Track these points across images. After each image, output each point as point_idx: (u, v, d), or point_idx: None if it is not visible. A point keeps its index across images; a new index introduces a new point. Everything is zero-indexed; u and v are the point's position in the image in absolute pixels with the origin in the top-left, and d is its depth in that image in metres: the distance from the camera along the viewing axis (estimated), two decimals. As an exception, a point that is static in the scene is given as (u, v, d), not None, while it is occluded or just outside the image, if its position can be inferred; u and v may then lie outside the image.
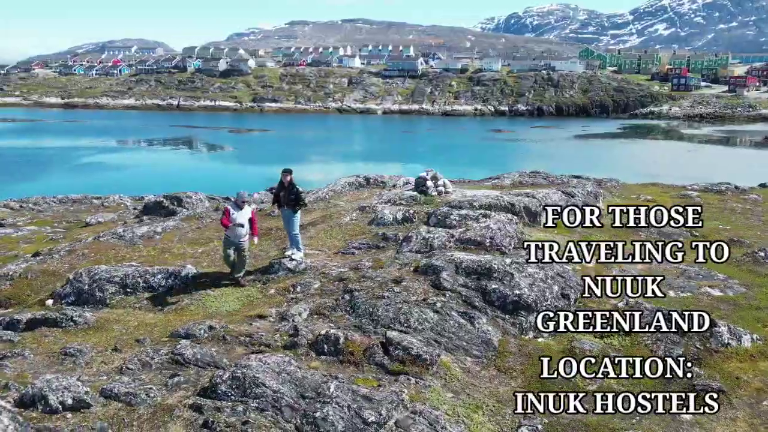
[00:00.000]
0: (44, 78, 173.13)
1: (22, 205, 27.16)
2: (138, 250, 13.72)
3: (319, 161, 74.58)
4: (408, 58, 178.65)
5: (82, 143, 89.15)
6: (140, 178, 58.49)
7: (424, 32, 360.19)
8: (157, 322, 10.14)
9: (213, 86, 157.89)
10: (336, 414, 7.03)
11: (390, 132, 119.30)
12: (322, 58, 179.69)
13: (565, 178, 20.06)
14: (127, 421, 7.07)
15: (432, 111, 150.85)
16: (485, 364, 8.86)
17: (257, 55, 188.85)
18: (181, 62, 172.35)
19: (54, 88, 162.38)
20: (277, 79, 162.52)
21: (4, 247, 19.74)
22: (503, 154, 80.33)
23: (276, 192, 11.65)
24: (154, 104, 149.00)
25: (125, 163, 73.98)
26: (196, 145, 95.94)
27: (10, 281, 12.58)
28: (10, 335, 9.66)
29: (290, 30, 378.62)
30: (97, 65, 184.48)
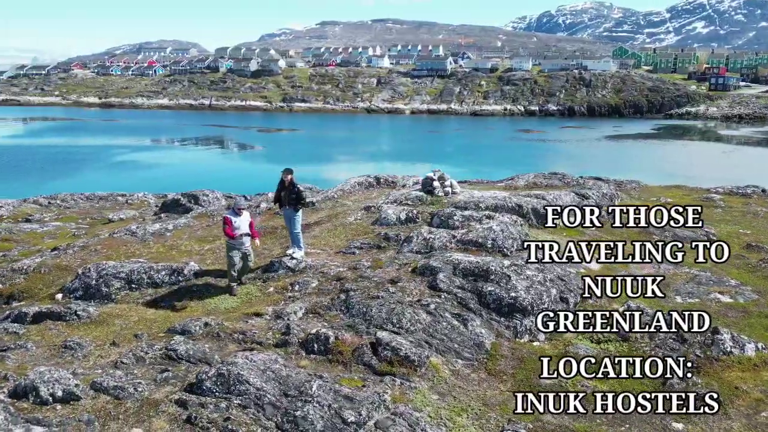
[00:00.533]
0: (83, 78, 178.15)
1: (51, 201, 28.05)
2: (148, 247, 14.02)
3: (345, 161, 74.92)
4: (437, 58, 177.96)
5: (117, 142, 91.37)
6: (170, 177, 59.66)
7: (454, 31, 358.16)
8: (157, 317, 10.35)
9: (244, 86, 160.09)
10: (316, 413, 7.06)
11: (417, 132, 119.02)
12: (351, 58, 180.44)
13: (582, 180, 19.69)
14: (113, 414, 7.24)
15: (460, 111, 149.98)
16: (476, 366, 8.77)
17: (287, 56, 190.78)
18: (213, 63, 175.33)
19: (92, 88, 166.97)
20: (307, 79, 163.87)
21: (29, 242, 20.46)
22: (529, 155, 79.29)
23: (277, 192, 11.76)
24: (187, 104, 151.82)
25: (157, 161, 75.55)
26: (226, 144, 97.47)
27: (24, 275, 13.02)
28: (16, 328, 9.99)
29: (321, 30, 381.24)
30: (133, 66, 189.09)
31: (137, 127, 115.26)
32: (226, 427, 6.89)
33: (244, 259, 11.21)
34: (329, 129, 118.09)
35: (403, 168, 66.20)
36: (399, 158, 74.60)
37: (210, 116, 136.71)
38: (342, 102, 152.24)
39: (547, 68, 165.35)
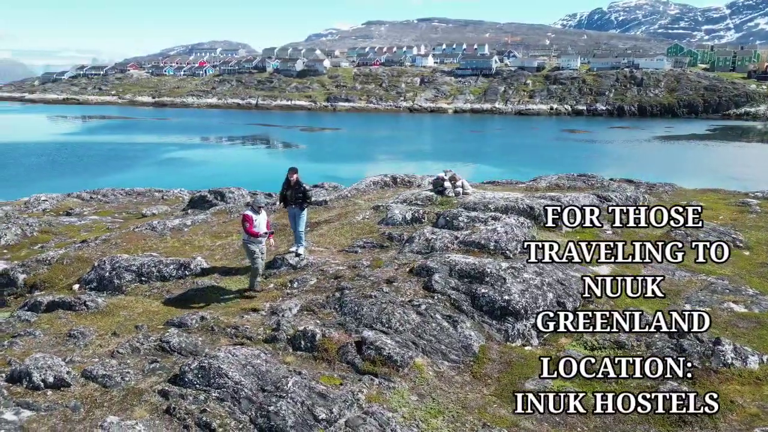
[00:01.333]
0: (138, 78, 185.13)
1: (92, 196, 29.29)
2: (165, 242, 14.50)
3: (384, 159, 75.03)
4: (482, 57, 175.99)
5: (167, 140, 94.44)
6: (212, 174, 61.21)
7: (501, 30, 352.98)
8: (160, 310, 10.70)
9: (290, 86, 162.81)
10: (289, 409, 7.17)
11: (459, 131, 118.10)
12: (395, 57, 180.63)
13: (608, 182, 19.12)
14: (99, 402, 7.55)
15: (505, 110, 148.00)
16: (461, 369, 8.68)
17: (333, 56, 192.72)
18: (260, 63, 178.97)
19: (146, 87, 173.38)
20: (351, 78, 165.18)
21: (66, 234, 21.47)
22: (572, 155, 77.41)
23: (282, 191, 11.91)
24: (235, 103, 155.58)
25: (203, 159, 77.71)
26: (269, 143, 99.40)
27: (47, 266, 13.69)
28: (29, 316, 10.54)
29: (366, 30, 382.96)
30: (185, 66, 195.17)
31: (187, 126, 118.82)
32: (200, 419, 7.09)
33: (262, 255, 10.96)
34: (371, 128, 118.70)
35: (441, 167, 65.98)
36: (438, 158, 74.18)
37: (256, 115, 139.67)
38: (385, 101, 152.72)
39: (596, 66, 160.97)
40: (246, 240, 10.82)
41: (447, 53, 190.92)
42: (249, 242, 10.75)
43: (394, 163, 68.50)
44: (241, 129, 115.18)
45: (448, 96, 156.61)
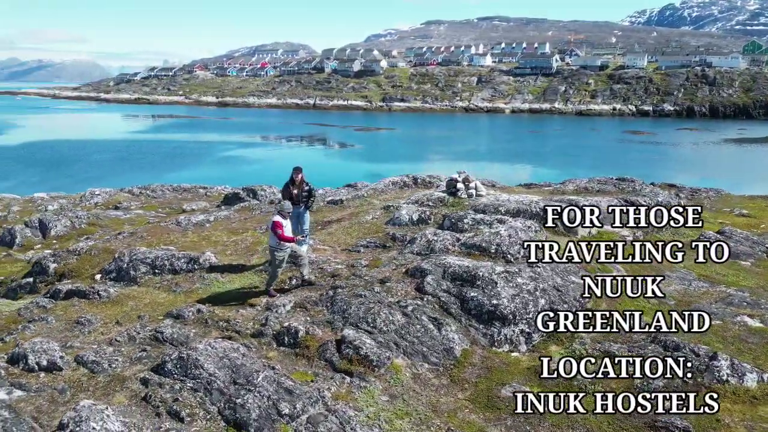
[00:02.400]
0: (203, 79, 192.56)
1: (142, 191, 30.79)
2: (186, 236, 15.10)
3: (436, 159, 74.72)
4: (542, 56, 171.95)
5: (228, 138, 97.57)
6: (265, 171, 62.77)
7: (564, 28, 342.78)
8: (165, 301, 11.17)
9: (347, 86, 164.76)
10: (255, 402, 7.35)
11: (515, 131, 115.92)
12: (452, 57, 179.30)
13: (641, 186, 18.29)
14: (84, 386, 8.00)
15: (565, 110, 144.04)
16: (440, 372, 8.60)
17: (390, 56, 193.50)
18: (319, 63, 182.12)
19: (211, 88, 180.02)
20: (407, 78, 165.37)
21: (110, 227, 22.68)
22: (630, 158, 74.35)
23: (287, 190, 12.10)
24: (293, 103, 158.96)
25: (259, 157, 79.76)
26: (324, 142, 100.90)
27: (77, 256, 14.55)
28: (46, 303, 11.26)
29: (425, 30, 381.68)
30: (247, 67, 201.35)
31: (247, 125, 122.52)
32: (172, 408, 7.38)
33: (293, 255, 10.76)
34: (426, 128, 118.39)
35: (491, 168, 65.03)
36: (490, 158, 73.22)
37: (313, 115, 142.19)
38: (440, 101, 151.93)
39: (664, 65, 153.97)
40: (274, 246, 10.52)
41: (506, 52, 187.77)
42: (276, 248, 10.48)
43: (444, 164, 68.08)
44: (299, 128, 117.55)
45: (506, 96, 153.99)
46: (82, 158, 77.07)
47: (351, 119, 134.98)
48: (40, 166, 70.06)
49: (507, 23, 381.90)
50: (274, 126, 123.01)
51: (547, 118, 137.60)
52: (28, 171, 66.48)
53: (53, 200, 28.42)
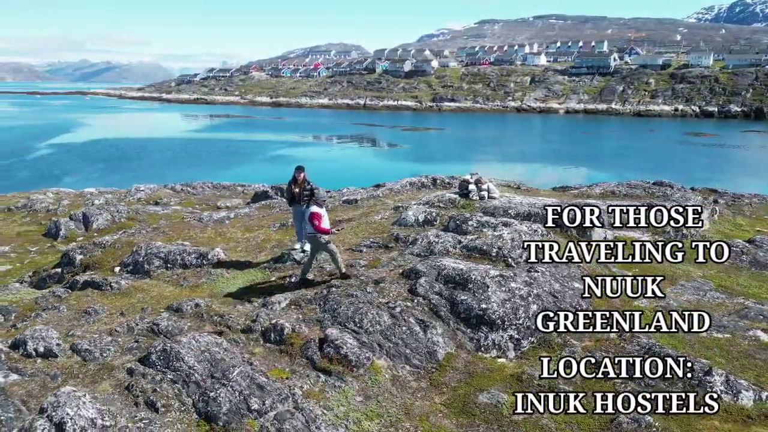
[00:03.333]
0: (258, 80, 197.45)
1: (183, 188, 31.91)
2: (204, 232, 15.54)
3: (481, 160, 73.71)
4: (600, 54, 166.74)
5: (279, 137, 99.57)
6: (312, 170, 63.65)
7: (624, 25, 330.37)
8: (170, 295, 11.53)
9: (397, 86, 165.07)
10: (226, 396, 7.49)
11: (568, 132, 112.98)
12: (505, 56, 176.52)
13: (672, 190, 17.45)
14: (75, 373, 8.37)
15: (622, 111, 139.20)
16: (421, 375, 8.51)
17: (442, 56, 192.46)
18: (371, 64, 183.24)
19: (265, 88, 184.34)
20: (458, 78, 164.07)
21: (147, 221, 23.61)
22: (689, 161, 71.03)
23: (289, 189, 12.28)
24: (344, 103, 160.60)
25: (307, 156, 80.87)
26: (370, 142, 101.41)
27: (102, 249, 15.23)
28: (62, 292, 11.85)
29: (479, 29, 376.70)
30: (301, 68, 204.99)
31: (298, 125, 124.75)
32: (149, 398, 7.62)
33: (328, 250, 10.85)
34: (475, 128, 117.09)
35: (536, 169, 63.65)
36: (534, 159, 71.64)
37: (363, 115, 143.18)
38: (492, 101, 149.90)
39: (731, 64, 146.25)
40: (311, 234, 10.64)
41: (561, 51, 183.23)
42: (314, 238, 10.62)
43: (489, 164, 67.18)
44: (348, 128, 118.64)
45: (560, 96, 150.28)
46: (142, 156, 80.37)
47: (400, 119, 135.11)
48: (103, 163, 73.55)
49: (564, 21, 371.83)
50: (324, 126, 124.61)
51: (603, 119, 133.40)
52: (91, 167, 70.02)
53: (101, 195, 29.86)
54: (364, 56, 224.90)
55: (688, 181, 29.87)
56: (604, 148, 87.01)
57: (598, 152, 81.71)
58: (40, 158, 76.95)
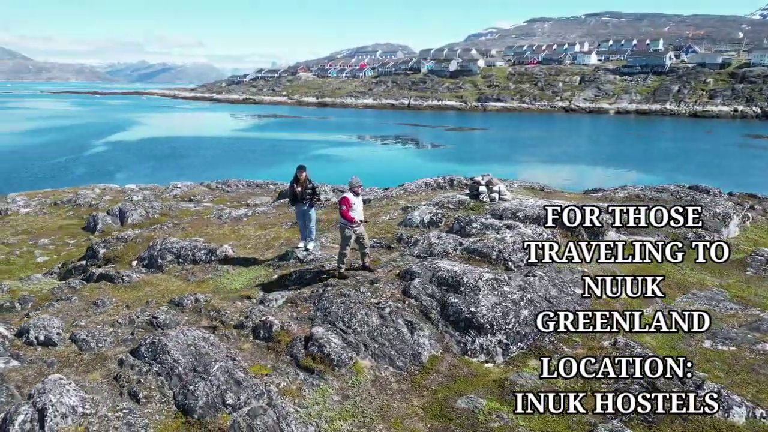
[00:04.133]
0: (305, 80, 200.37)
1: (218, 185, 32.73)
2: (221, 229, 15.90)
3: (525, 161, 72.36)
4: (655, 53, 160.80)
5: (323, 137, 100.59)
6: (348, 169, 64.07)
7: (683, 23, 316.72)
8: (177, 289, 11.85)
9: (442, 86, 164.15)
10: (204, 390, 7.64)
11: (618, 133, 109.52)
12: (554, 55, 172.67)
13: (700, 195, 16.65)
14: (70, 362, 8.72)
15: (677, 111, 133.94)
16: (403, 377, 8.43)
17: (488, 55, 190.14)
18: (416, 64, 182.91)
19: (312, 88, 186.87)
20: (505, 78, 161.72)
21: (179, 217, 24.33)
22: (746, 164, 67.58)
23: (291, 188, 12.36)
24: (388, 103, 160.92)
25: (349, 156, 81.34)
26: (412, 142, 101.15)
27: (124, 243, 15.80)
28: (77, 284, 12.36)
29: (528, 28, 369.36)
30: (347, 68, 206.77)
31: (342, 124, 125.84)
32: (132, 389, 7.86)
33: (359, 240, 10.85)
34: (521, 129, 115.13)
35: (578, 170, 61.98)
36: (579, 161, 69.80)
37: (407, 115, 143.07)
38: (539, 101, 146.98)
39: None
40: (342, 224, 10.61)
41: (613, 50, 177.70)
42: (344, 226, 10.57)
43: (529, 166, 65.99)
44: (391, 128, 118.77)
45: (611, 96, 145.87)
46: (191, 154, 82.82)
47: (444, 119, 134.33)
48: (154, 160, 76.19)
49: (618, 19, 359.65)
50: (367, 125, 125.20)
51: (656, 120, 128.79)
52: (142, 164, 72.65)
53: (140, 191, 31.00)
54: (410, 56, 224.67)
55: (739, 187, 28.44)
56: (655, 151, 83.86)
57: (648, 154, 78.82)
58: (96, 155, 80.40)
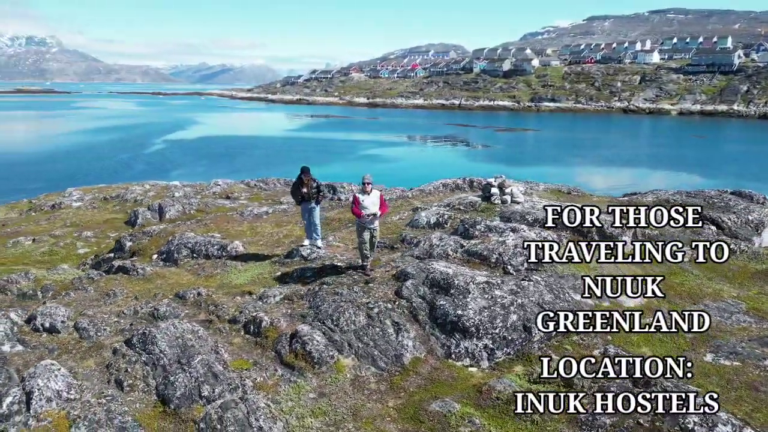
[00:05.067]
0: (357, 81, 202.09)
1: (257, 183, 33.45)
2: (240, 225, 16.28)
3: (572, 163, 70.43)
4: (722, 51, 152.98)
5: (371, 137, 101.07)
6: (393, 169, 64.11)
7: (755, 19, 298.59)
8: (186, 282, 12.22)
9: (494, 86, 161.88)
10: (182, 382, 7.86)
11: (678, 136, 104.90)
12: (613, 54, 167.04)
13: (735, 200, 15.69)
14: (70, 349, 9.15)
15: (746, 113, 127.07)
16: (383, 377, 8.39)
17: (544, 54, 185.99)
18: (468, 64, 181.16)
19: (363, 89, 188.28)
20: (560, 78, 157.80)
21: (214, 213, 25.01)
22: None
23: (295, 188, 12.42)
24: (439, 104, 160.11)
25: (394, 156, 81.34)
26: (462, 143, 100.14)
27: (149, 237, 16.42)
28: (95, 275, 12.95)
29: (587, 26, 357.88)
30: (399, 69, 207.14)
31: (391, 125, 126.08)
32: (118, 377, 8.18)
33: (371, 236, 10.83)
34: (574, 130, 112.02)
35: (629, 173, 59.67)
36: (630, 163, 67.23)
37: (457, 115, 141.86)
38: (595, 101, 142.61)
39: None
40: (356, 221, 10.84)
41: (677, 48, 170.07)
42: (357, 223, 10.76)
43: (575, 167, 64.15)
44: (440, 129, 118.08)
45: (673, 96, 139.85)
46: (244, 152, 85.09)
47: (495, 120, 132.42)
48: (208, 159, 78.69)
49: (684, 16, 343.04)
50: (416, 126, 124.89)
51: (722, 122, 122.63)
52: (197, 162, 75.19)
53: (182, 188, 32.11)
54: (462, 56, 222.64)
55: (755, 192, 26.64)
56: (718, 154, 79.90)
57: (709, 158, 75.13)
58: (155, 153, 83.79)
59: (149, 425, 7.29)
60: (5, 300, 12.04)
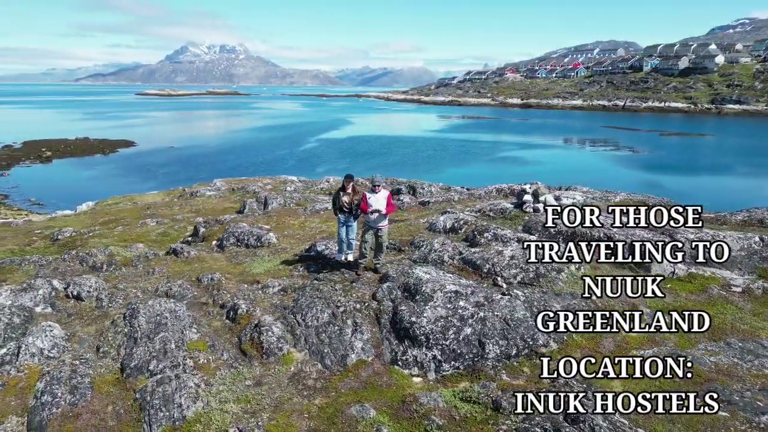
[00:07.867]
0: (512, 81, 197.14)
1: (364, 182, 34.49)
2: (297, 219, 17.05)
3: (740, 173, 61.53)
4: None
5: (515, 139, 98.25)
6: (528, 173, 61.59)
7: None
8: (218, 267, 13.18)
9: (667, 86, 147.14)
10: (139, 354, 8.62)
11: None
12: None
13: None
14: (83, 315, 10.47)
15: None
16: (325, 375, 8.35)
17: (732, 50, 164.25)
18: (637, 62, 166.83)
19: (517, 90, 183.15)
20: (749, 76, 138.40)
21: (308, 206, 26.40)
22: None
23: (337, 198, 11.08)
24: (600, 105, 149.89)
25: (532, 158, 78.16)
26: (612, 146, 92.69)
27: (219, 225, 17.89)
28: (151, 255, 14.50)
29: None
30: (557, 68, 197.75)
31: (541, 126, 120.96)
32: (101, 344, 9.19)
33: (376, 238, 10.71)
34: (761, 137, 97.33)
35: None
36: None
37: (619, 118, 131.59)
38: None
39: None
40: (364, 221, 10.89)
41: None
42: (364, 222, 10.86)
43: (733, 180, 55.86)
44: (593, 131, 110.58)
45: None
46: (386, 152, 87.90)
47: (664, 123, 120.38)
48: (350, 157, 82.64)
49: None
50: (568, 128, 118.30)
51: None
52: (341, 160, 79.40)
53: (293, 183, 34.30)
54: (634, 53, 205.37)
55: None
56: None
57: None
58: (307, 150, 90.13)
59: (99, 389, 8.12)
60: (79, 269, 14.06)
